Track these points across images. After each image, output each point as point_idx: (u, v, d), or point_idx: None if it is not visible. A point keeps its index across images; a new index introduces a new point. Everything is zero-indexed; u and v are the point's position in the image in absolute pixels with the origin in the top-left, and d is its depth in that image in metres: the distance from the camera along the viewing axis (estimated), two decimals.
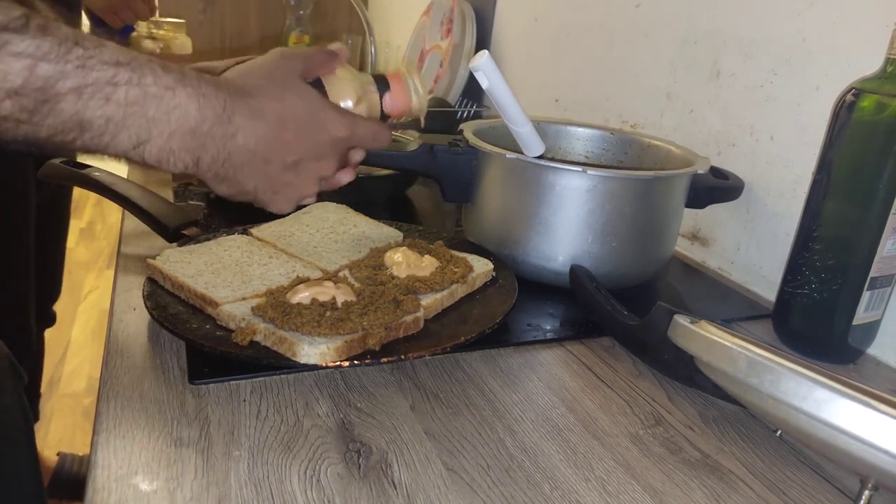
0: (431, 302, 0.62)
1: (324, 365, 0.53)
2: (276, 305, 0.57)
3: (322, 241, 0.74)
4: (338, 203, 0.84)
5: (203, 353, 0.54)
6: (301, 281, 0.62)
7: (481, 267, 0.69)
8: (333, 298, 0.58)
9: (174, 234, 0.73)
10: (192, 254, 0.67)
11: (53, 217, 1.36)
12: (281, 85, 0.52)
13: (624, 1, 1.03)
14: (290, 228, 0.76)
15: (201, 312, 0.60)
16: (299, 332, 0.54)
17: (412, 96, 0.61)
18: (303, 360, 0.53)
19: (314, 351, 0.52)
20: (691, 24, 0.90)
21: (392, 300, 0.59)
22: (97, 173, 0.75)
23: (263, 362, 0.54)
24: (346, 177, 0.59)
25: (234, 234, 0.73)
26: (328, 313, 0.56)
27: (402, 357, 0.55)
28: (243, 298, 0.60)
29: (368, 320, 0.56)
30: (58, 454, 1.57)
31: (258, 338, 0.55)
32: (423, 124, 0.66)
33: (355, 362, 0.54)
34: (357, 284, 0.64)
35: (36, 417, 1.49)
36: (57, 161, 0.73)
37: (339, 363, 0.53)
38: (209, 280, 0.62)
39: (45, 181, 1.16)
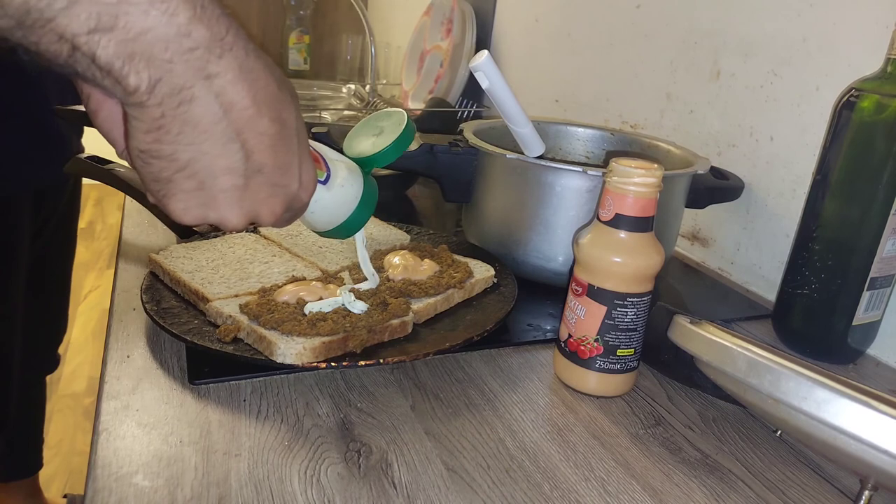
0: (423, 306, 0.61)
1: (300, 365, 0.52)
2: (262, 303, 0.56)
3: (328, 242, 0.74)
4: None
5: (203, 353, 0.54)
6: (295, 280, 0.62)
7: (482, 273, 0.69)
8: (320, 298, 0.58)
9: (187, 231, 0.73)
10: (196, 250, 0.68)
11: (58, 246, 1.26)
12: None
13: (624, 1, 1.03)
14: (298, 228, 0.76)
15: (195, 308, 0.60)
16: (278, 330, 0.53)
17: None
18: (279, 360, 0.51)
19: (290, 350, 0.51)
20: (691, 24, 0.90)
21: (381, 303, 0.59)
22: (119, 169, 0.76)
23: (241, 360, 0.53)
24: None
25: (243, 231, 0.73)
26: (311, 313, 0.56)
27: (381, 361, 0.54)
28: (236, 295, 0.60)
29: (351, 322, 0.55)
30: (64, 496, 1.55)
31: (241, 335, 0.55)
32: None
33: (332, 364, 0.53)
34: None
35: (39, 465, 1.41)
36: (82, 156, 0.72)
37: (315, 364, 0.52)
38: (206, 276, 0.62)
39: (48, 190, 1.14)
